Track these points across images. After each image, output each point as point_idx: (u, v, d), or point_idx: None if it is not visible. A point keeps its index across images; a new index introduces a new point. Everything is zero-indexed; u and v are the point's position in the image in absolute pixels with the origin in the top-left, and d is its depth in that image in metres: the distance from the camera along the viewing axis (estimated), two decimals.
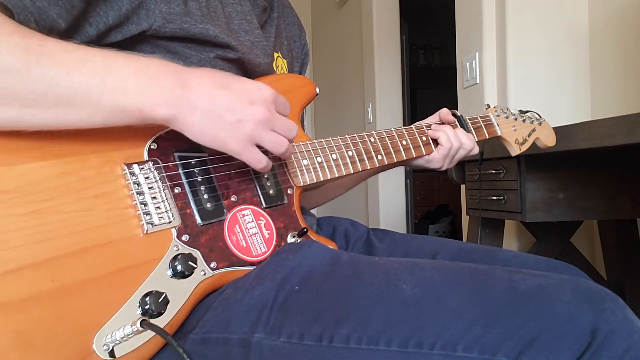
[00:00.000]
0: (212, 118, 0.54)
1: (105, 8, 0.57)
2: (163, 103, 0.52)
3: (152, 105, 0.52)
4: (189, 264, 0.57)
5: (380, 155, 0.78)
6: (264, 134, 0.57)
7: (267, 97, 0.57)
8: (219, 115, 0.54)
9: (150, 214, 0.56)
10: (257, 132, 0.57)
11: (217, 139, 0.55)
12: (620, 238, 1.66)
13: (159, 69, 0.53)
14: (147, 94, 0.52)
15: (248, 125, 0.56)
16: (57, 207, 0.51)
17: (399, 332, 0.50)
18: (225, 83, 0.56)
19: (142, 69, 0.52)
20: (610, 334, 0.47)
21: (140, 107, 0.52)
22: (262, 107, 0.56)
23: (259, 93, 0.57)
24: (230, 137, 0.56)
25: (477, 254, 0.75)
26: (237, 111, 0.55)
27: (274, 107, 0.58)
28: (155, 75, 0.53)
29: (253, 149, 0.58)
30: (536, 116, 1.00)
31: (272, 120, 0.58)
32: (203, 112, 0.54)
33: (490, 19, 1.87)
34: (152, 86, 0.52)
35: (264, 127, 0.57)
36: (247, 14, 0.73)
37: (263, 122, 0.57)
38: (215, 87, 0.55)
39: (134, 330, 0.50)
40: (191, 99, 0.53)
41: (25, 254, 0.48)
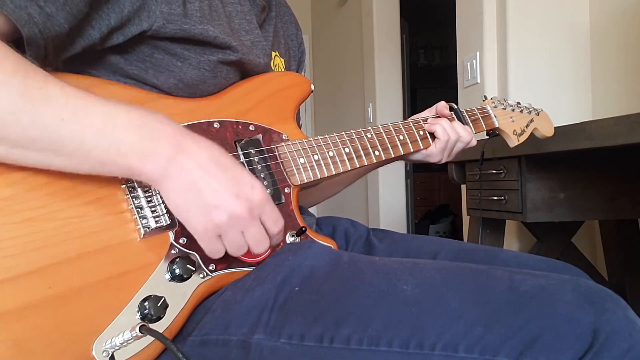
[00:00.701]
0: (192, 191, 0.52)
1: (107, 10, 0.57)
2: (154, 165, 0.52)
3: (141, 163, 0.51)
4: (187, 267, 0.57)
5: (377, 151, 0.78)
6: (230, 231, 0.54)
7: (255, 200, 0.55)
8: (199, 191, 0.52)
9: (146, 218, 0.56)
10: (225, 226, 0.54)
11: (187, 214, 0.53)
12: (621, 238, 1.65)
13: (160, 130, 0.52)
14: (139, 152, 0.51)
15: (221, 215, 0.53)
16: (51, 213, 0.51)
17: (399, 333, 0.50)
18: (222, 163, 0.54)
19: (142, 127, 0.52)
20: (612, 334, 0.47)
21: (128, 164, 0.51)
22: (244, 206, 0.54)
23: (248, 191, 0.54)
24: (198, 218, 0.53)
25: (478, 254, 0.74)
26: (218, 196, 0.53)
27: (258, 212, 0.55)
28: (154, 136, 0.52)
29: (215, 239, 0.55)
30: (534, 106, 0.99)
31: (246, 223, 0.54)
32: (186, 182, 0.52)
33: (490, 19, 1.87)
34: (149, 149, 0.51)
35: (234, 225, 0.54)
36: (246, 13, 0.73)
37: (236, 220, 0.54)
38: (210, 163, 0.53)
39: (134, 336, 0.50)
40: (182, 164, 0.52)
41: (21, 262, 0.48)
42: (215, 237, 0.55)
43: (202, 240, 0.55)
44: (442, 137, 0.83)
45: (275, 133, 0.69)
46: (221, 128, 0.65)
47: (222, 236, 0.55)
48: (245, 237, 0.56)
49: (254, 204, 0.55)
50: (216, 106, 0.66)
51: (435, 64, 5.93)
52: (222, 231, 0.54)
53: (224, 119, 0.66)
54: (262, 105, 0.70)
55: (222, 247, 0.55)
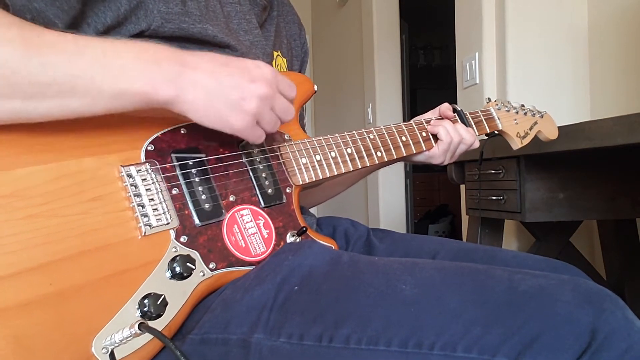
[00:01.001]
0: (215, 96, 0.54)
1: (103, 8, 0.57)
2: (165, 83, 0.52)
3: (154, 86, 0.52)
4: (188, 265, 0.57)
5: (379, 152, 0.78)
6: (265, 112, 0.57)
7: (267, 75, 0.57)
8: (221, 93, 0.54)
9: (148, 216, 0.56)
10: (259, 110, 0.57)
11: (221, 118, 0.55)
12: (620, 238, 1.65)
13: (159, 52, 0.53)
14: (148, 76, 0.52)
15: (251, 103, 0.56)
16: (53, 211, 0.51)
17: (398, 333, 0.50)
18: (225, 61, 0.56)
19: (141, 53, 0.52)
20: (610, 334, 0.47)
21: (142, 90, 0.52)
22: (264, 85, 0.56)
23: (258, 71, 0.57)
24: (234, 116, 0.56)
25: (477, 254, 0.75)
26: (239, 89, 0.55)
27: (275, 85, 0.58)
28: (155, 58, 0.53)
29: (255, 126, 0.58)
30: (538, 109, 0.99)
31: (273, 98, 0.58)
32: (206, 90, 0.54)
33: (490, 19, 1.87)
34: (153, 68, 0.52)
35: (265, 105, 0.57)
36: (246, 13, 0.73)
37: (265, 99, 0.57)
38: (216, 65, 0.55)
39: (133, 333, 0.50)
40: (193, 77, 0.54)
41: (22, 259, 0.48)
42: (255, 124, 0.57)
43: (245, 133, 0.57)
44: (444, 139, 0.83)
45: (277, 133, 0.69)
46: None
47: (260, 120, 0.58)
48: (275, 111, 0.59)
49: (269, 78, 0.57)
50: None
51: (435, 65, 5.93)
52: (259, 116, 0.57)
53: None
54: None
55: (262, 131, 0.59)
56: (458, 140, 0.84)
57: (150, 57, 0.53)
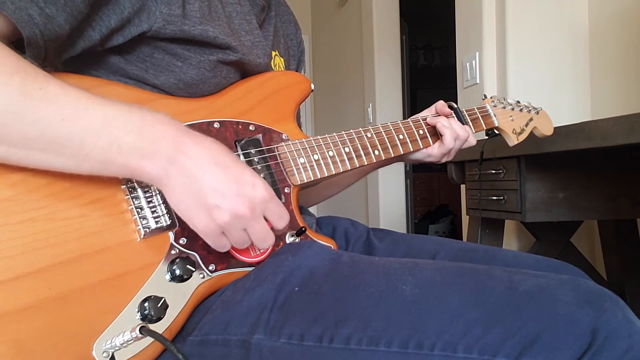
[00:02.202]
0: (193, 192, 0.52)
1: (107, 12, 0.57)
2: (153, 165, 0.52)
3: (141, 165, 0.51)
4: (187, 267, 0.57)
5: (377, 151, 0.78)
6: (234, 230, 0.55)
7: (256, 198, 0.54)
8: (200, 191, 0.52)
9: (146, 218, 0.56)
10: (227, 226, 0.54)
11: (188, 214, 0.54)
12: (620, 238, 1.65)
13: (161, 129, 0.52)
14: (141, 155, 0.51)
15: (222, 215, 0.53)
16: (51, 214, 0.51)
17: (399, 333, 0.50)
18: (223, 162, 0.54)
19: (142, 127, 0.51)
20: (611, 335, 0.47)
21: (128, 165, 0.51)
22: (245, 205, 0.54)
23: (250, 190, 0.54)
24: (199, 218, 0.53)
25: (477, 254, 0.74)
26: (218, 196, 0.53)
27: (261, 209, 0.55)
28: (154, 136, 0.52)
29: (220, 236, 0.55)
30: (533, 105, 0.99)
31: (249, 221, 0.55)
32: (186, 182, 0.52)
33: (490, 19, 1.87)
34: (149, 148, 0.51)
35: (236, 224, 0.54)
36: (246, 14, 0.73)
37: (238, 219, 0.54)
38: (211, 163, 0.53)
39: (134, 337, 0.50)
40: (182, 164, 0.52)
41: (21, 263, 0.48)
42: (219, 234, 0.55)
43: (206, 238, 0.55)
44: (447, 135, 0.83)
45: (275, 133, 0.69)
46: (221, 128, 0.65)
47: (226, 234, 0.55)
48: (249, 234, 0.56)
49: (256, 202, 0.54)
50: (216, 106, 0.66)
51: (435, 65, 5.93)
52: (226, 229, 0.54)
53: (224, 118, 0.66)
54: (262, 105, 0.70)
55: (227, 242, 0.56)
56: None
57: (150, 135, 0.52)
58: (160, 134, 0.52)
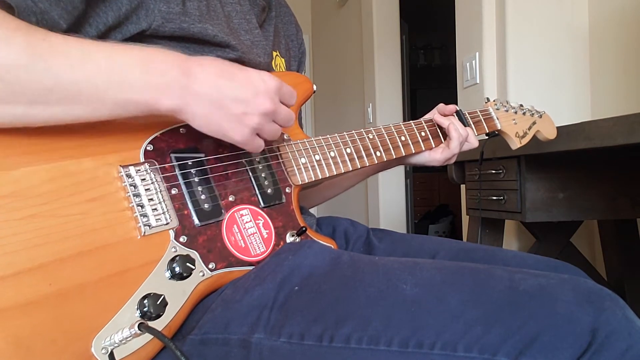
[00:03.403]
0: (217, 109, 0.55)
1: (104, 8, 0.57)
2: (168, 95, 0.53)
3: (157, 97, 0.52)
4: (187, 265, 0.57)
5: (379, 152, 0.78)
6: (266, 125, 0.58)
7: (271, 89, 0.58)
8: (223, 106, 0.55)
9: (147, 216, 0.56)
10: (260, 125, 0.57)
11: (222, 129, 0.56)
12: (620, 238, 1.65)
13: (164, 60, 0.53)
14: (152, 87, 0.52)
15: (252, 118, 0.56)
16: (53, 211, 0.51)
17: (399, 332, 0.50)
18: (230, 73, 0.56)
19: (146, 60, 0.53)
20: (611, 334, 0.47)
21: (146, 100, 0.52)
22: (267, 99, 0.57)
23: (263, 85, 0.57)
24: (234, 129, 0.56)
25: (477, 254, 0.74)
26: (242, 103, 0.56)
27: (278, 97, 0.59)
28: (159, 67, 0.53)
29: (255, 138, 0.59)
30: (536, 109, 0.99)
31: (275, 112, 0.58)
32: (208, 102, 0.54)
33: (490, 19, 1.87)
34: (157, 78, 0.52)
35: (267, 119, 0.58)
36: (246, 13, 0.73)
37: (267, 115, 0.57)
38: (220, 77, 0.55)
39: (132, 333, 0.50)
40: (196, 90, 0.54)
41: (22, 259, 0.48)
42: (255, 136, 0.59)
43: (245, 145, 0.58)
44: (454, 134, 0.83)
45: None
46: None
47: (260, 132, 0.59)
48: (277, 122, 0.60)
49: (272, 92, 0.58)
50: None
51: (435, 65, 5.94)
52: (259, 129, 0.58)
53: None
54: None
55: (262, 140, 0.60)
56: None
57: (156, 66, 0.53)
58: (164, 64, 0.53)
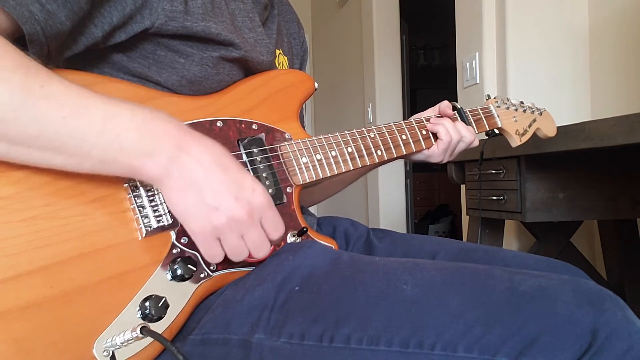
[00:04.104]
0: (192, 191, 0.52)
1: (109, 8, 0.57)
2: (154, 163, 0.51)
3: (143, 164, 0.51)
4: (189, 267, 0.57)
5: (380, 151, 0.78)
6: (229, 235, 0.54)
7: (255, 203, 0.54)
8: (199, 191, 0.52)
9: (148, 217, 0.56)
10: (224, 229, 0.53)
11: (185, 213, 0.53)
12: (620, 238, 1.65)
13: (162, 128, 0.52)
14: (142, 154, 0.51)
15: (221, 217, 0.52)
16: (54, 212, 0.51)
17: (399, 332, 0.50)
18: (225, 164, 0.54)
19: (143, 125, 0.51)
20: (611, 335, 0.47)
21: (130, 163, 0.51)
22: (244, 209, 0.53)
23: (249, 194, 0.54)
24: (197, 219, 0.52)
25: (477, 254, 0.74)
26: (218, 197, 0.52)
27: (258, 216, 0.55)
28: (156, 134, 0.51)
29: (214, 242, 0.54)
30: (537, 106, 0.99)
31: (246, 227, 0.54)
32: (187, 181, 0.52)
33: (490, 19, 1.87)
34: (150, 147, 0.51)
35: (233, 228, 0.53)
36: (249, 11, 0.73)
37: (235, 223, 0.53)
38: (213, 164, 0.53)
39: (134, 336, 0.50)
40: (183, 163, 0.52)
41: (23, 261, 0.48)
42: (214, 240, 0.54)
43: (199, 243, 0.54)
44: (444, 138, 0.83)
45: (278, 132, 0.69)
46: (224, 127, 0.65)
47: (222, 239, 0.54)
48: (245, 241, 0.55)
49: (255, 207, 0.54)
50: (219, 104, 0.66)
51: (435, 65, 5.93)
52: (221, 234, 0.53)
53: (227, 117, 0.66)
54: (266, 104, 0.70)
55: (221, 250, 0.55)
56: (458, 138, 0.84)
57: (151, 132, 0.51)
58: (162, 132, 0.52)
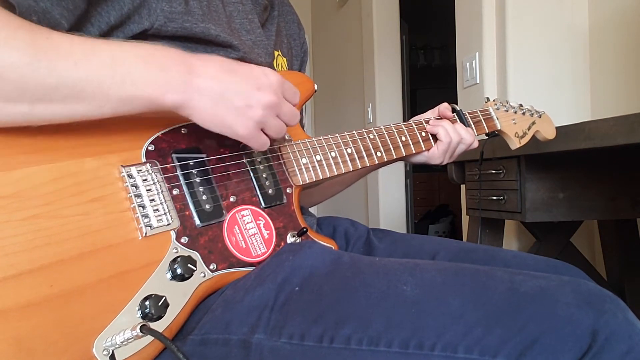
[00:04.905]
0: (221, 103, 0.55)
1: (107, 8, 0.57)
2: (171, 90, 0.53)
3: (160, 93, 0.52)
4: (189, 266, 0.57)
5: (379, 152, 0.78)
6: (270, 119, 0.58)
7: (274, 83, 0.58)
8: (227, 99, 0.55)
9: (148, 217, 0.56)
10: (264, 118, 0.57)
11: (226, 124, 0.56)
12: (620, 238, 1.65)
13: (166, 56, 0.54)
14: (155, 82, 0.52)
15: (256, 111, 0.56)
16: (54, 211, 0.51)
17: (399, 333, 0.50)
18: (232, 68, 0.57)
19: (149, 57, 0.53)
20: (611, 336, 0.47)
21: (150, 95, 0.52)
22: (270, 93, 0.57)
23: (265, 78, 0.57)
24: (238, 123, 0.56)
25: (477, 254, 0.74)
26: (245, 96, 0.56)
27: (281, 92, 0.59)
28: (162, 63, 0.53)
29: (259, 133, 0.58)
30: (536, 109, 0.99)
31: (278, 105, 0.58)
32: (211, 97, 0.54)
33: (490, 19, 1.87)
34: (160, 74, 0.52)
35: (270, 113, 0.58)
36: (248, 13, 0.73)
37: (270, 108, 0.57)
38: (222, 72, 0.55)
39: (134, 335, 0.50)
40: (198, 84, 0.54)
41: (23, 260, 0.48)
42: (260, 132, 0.58)
43: (249, 140, 0.58)
44: (444, 140, 0.83)
45: None
46: None
47: (265, 127, 0.58)
48: (281, 117, 0.59)
49: (275, 86, 0.58)
50: None
51: (435, 65, 5.93)
52: (264, 123, 0.58)
53: None
54: None
55: (266, 138, 0.59)
56: (457, 140, 0.84)
57: (159, 63, 0.53)
58: (167, 60, 0.53)
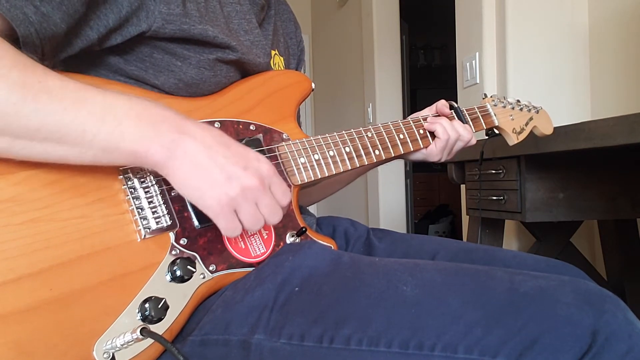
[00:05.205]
0: (201, 170, 0.52)
1: (105, 11, 0.57)
2: (157, 147, 0.51)
3: (146, 149, 0.51)
4: (188, 268, 0.57)
5: (377, 150, 0.78)
6: (246, 204, 0.54)
7: (263, 170, 0.55)
8: (207, 168, 0.52)
9: (147, 219, 0.56)
10: (239, 199, 0.53)
11: (198, 192, 0.53)
12: (620, 238, 1.65)
13: (160, 114, 0.53)
14: (143, 139, 0.51)
15: (233, 187, 0.53)
16: (53, 215, 0.51)
17: (399, 333, 0.50)
18: (226, 142, 0.55)
19: (143, 112, 0.52)
20: (611, 336, 0.47)
21: (133, 150, 0.51)
22: (254, 177, 0.54)
23: (256, 163, 0.55)
24: (211, 194, 0.53)
25: (477, 254, 0.74)
26: (227, 170, 0.53)
27: (268, 183, 0.56)
28: (155, 120, 0.52)
29: (231, 214, 0.54)
30: (533, 104, 0.99)
31: (260, 193, 0.55)
32: (193, 162, 0.52)
33: (490, 19, 1.87)
34: (150, 132, 0.51)
35: (248, 197, 0.54)
36: (246, 13, 0.73)
37: (250, 191, 0.54)
38: (215, 142, 0.54)
39: (134, 338, 0.50)
40: (186, 147, 0.52)
41: (22, 264, 0.48)
42: (231, 212, 0.54)
43: (218, 218, 0.54)
44: (442, 137, 0.83)
45: (275, 132, 0.69)
46: (222, 128, 0.65)
47: (238, 211, 0.54)
48: (259, 208, 0.55)
49: (263, 174, 0.55)
50: (217, 106, 0.66)
51: (435, 65, 5.93)
52: (237, 204, 0.54)
53: (225, 118, 0.66)
54: (263, 104, 0.70)
55: (239, 223, 0.55)
56: (455, 137, 0.84)
57: (151, 119, 0.52)
58: (161, 118, 0.52)
